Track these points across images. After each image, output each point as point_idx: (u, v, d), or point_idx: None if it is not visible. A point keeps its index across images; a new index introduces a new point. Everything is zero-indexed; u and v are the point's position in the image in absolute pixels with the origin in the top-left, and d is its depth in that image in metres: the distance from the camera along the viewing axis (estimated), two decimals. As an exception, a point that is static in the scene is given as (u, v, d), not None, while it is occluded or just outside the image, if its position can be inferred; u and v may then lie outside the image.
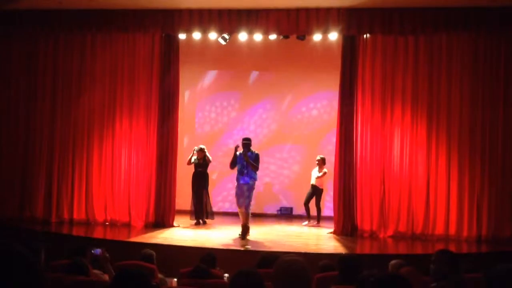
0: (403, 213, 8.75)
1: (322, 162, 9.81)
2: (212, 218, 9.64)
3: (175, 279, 5.22)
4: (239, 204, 8.34)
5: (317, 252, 7.47)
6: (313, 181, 9.84)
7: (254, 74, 11.47)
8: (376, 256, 7.52)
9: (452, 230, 8.59)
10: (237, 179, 8.38)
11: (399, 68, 8.86)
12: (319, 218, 9.80)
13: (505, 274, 2.15)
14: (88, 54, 9.47)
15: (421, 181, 8.73)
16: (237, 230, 8.92)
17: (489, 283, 2.16)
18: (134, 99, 9.39)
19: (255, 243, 8.02)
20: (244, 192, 8.27)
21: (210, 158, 9.53)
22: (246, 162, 8.22)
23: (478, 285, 2.87)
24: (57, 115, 9.50)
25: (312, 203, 9.89)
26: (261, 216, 10.33)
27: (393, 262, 4.68)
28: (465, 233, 8.55)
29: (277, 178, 11.21)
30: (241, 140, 8.49)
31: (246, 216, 8.32)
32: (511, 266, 2.17)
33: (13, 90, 9.54)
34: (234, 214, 10.95)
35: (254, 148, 8.60)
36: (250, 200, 8.33)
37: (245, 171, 8.28)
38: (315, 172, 9.85)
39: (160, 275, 5.11)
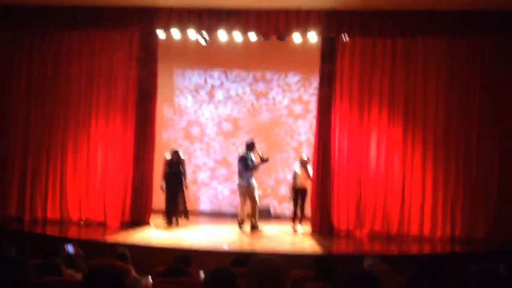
0: (378, 212, 8.86)
1: (308, 163, 9.52)
2: (187, 218, 9.55)
3: (150, 279, 5.18)
4: None
5: (293, 253, 7.49)
6: (301, 183, 9.45)
7: (234, 74, 11.44)
8: (352, 255, 7.58)
9: (427, 230, 8.72)
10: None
11: (377, 70, 8.95)
12: (301, 220, 9.56)
13: (480, 275, 2.18)
14: (65, 52, 9.31)
15: (396, 181, 8.85)
16: (213, 229, 8.98)
17: (464, 284, 2.19)
18: (111, 98, 9.28)
19: (231, 243, 8.01)
20: None
21: (184, 158, 9.45)
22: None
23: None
24: (31, 112, 9.32)
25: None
26: (237, 216, 10.29)
27: (368, 261, 4.72)
28: (439, 233, 8.69)
29: (256, 179, 11.18)
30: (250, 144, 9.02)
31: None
32: (486, 267, 2.20)
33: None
34: (211, 215, 10.98)
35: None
36: (252, 199, 8.99)
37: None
38: (300, 171, 9.45)
39: (134, 275, 5.05)
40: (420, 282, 3.18)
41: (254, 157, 9.05)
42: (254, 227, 9.02)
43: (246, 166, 8.87)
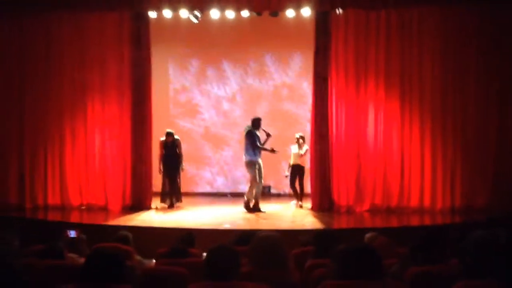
0: (378, 186, 8.89)
1: (303, 140, 9.60)
2: (180, 201, 9.46)
3: (154, 260, 5.20)
4: None
5: (294, 229, 7.53)
6: (295, 160, 9.60)
7: (228, 53, 11.34)
8: (353, 230, 7.61)
9: (427, 202, 8.78)
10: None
11: (372, 43, 8.88)
12: (301, 197, 9.64)
13: (480, 240, 2.18)
14: (55, 35, 9.20)
15: (395, 154, 8.87)
16: (212, 210, 9.00)
17: (466, 250, 2.19)
18: (106, 80, 9.19)
19: (233, 222, 8.04)
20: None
21: (178, 138, 9.39)
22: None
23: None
24: (26, 99, 9.24)
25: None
26: (238, 196, 10.32)
27: (368, 235, 4.74)
28: (439, 205, 8.74)
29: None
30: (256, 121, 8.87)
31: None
32: (485, 234, 2.21)
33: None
34: (210, 195, 11.02)
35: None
36: (252, 176, 8.77)
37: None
38: (295, 150, 9.60)
39: (137, 257, 5.08)
40: (421, 252, 3.20)
41: (259, 134, 8.92)
42: (248, 207, 8.80)
43: (252, 142, 8.70)
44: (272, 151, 8.88)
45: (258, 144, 8.75)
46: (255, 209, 8.80)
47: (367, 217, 8.70)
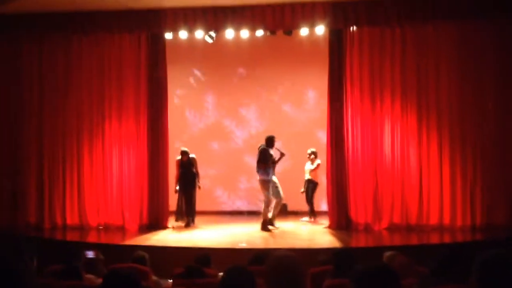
0: (396, 204, 8.76)
1: (314, 156, 9.72)
2: (193, 222, 9.38)
3: (170, 281, 5.18)
4: None
5: (312, 248, 7.45)
6: (307, 175, 9.75)
7: (242, 71, 11.43)
8: (371, 249, 7.51)
9: (447, 220, 8.62)
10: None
11: (387, 60, 8.86)
12: (313, 213, 9.69)
13: (494, 259, 2.12)
14: (74, 57, 9.38)
15: (413, 171, 8.75)
16: (228, 229, 9.01)
17: (481, 269, 2.13)
18: (123, 100, 9.31)
19: (249, 240, 7.99)
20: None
21: (194, 157, 9.43)
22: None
23: None
24: (45, 119, 9.40)
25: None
26: (255, 213, 10.28)
27: (387, 253, 4.66)
28: (459, 222, 8.57)
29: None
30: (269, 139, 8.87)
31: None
32: (499, 251, 2.15)
33: (-2, 96, 9.43)
34: (227, 213, 11.00)
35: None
36: (265, 195, 8.79)
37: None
38: (308, 166, 9.76)
39: (154, 277, 5.07)
40: (442, 272, 3.13)
41: (273, 152, 8.93)
42: (264, 225, 8.76)
43: (264, 160, 8.70)
44: (282, 154, 8.99)
45: (268, 160, 8.73)
46: (269, 224, 8.80)
47: (385, 235, 8.58)
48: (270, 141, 8.91)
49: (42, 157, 9.39)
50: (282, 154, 9.02)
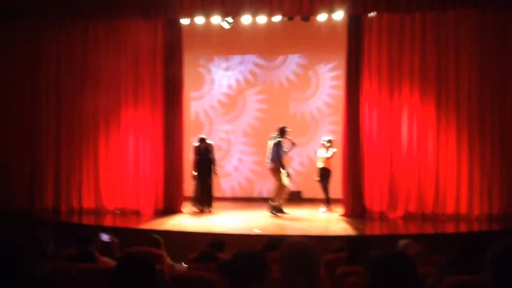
0: (412, 192, 8.69)
1: (330, 144, 9.58)
2: (211, 207, 9.42)
3: (185, 265, 5.22)
4: None
5: (326, 235, 7.43)
6: (321, 164, 9.60)
7: (259, 58, 11.37)
8: (386, 237, 7.46)
9: (463, 209, 8.53)
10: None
11: (406, 47, 8.72)
12: (329, 201, 9.59)
13: (510, 248, 2.08)
14: (91, 43, 9.42)
15: (430, 160, 8.65)
16: (243, 215, 9.04)
17: (496, 259, 2.09)
18: (139, 86, 9.34)
19: (263, 227, 8.01)
20: None
21: (211, 143, 9.48)
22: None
23: None
24: (62, 104, 9.49)
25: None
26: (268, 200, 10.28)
27: (402, 241, 4.63)
28: (476, 212, 8.48)
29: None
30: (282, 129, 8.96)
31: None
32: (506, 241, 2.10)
33: (17, 83, 9.52)
34: (238, 200, 11.02)
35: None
36: (278, 182, 8.94)
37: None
38: (322, 153, 9.58)
39: (169, 261, 5.10)
40: (459, 262, 3.09)
41: (284, 142, 8.99)
42: (275, 210, 8.91)
43: (279, 151, 8.82)
44: (294, 144, 9.10)
45: (281, 150, 8.89)
46: (279, 211, 8.92)
47: (400, 223, 8.51)
48: (283, 131, 8.96)
49: (60, 142, 9.49)
50: (293, 144, 9.11)
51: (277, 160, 8.84)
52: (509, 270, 2.00)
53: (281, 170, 8.89)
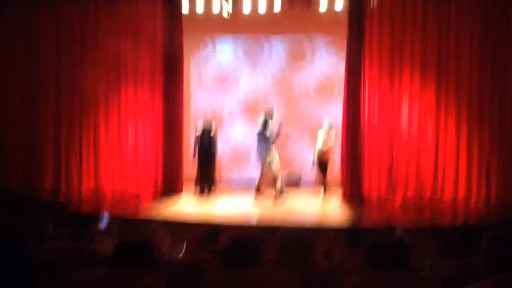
0: (411, 178, 8.73)
1: (330, 127, 9.34)
2: (213, 190, 9.41)
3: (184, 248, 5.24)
4: None
5: (323, 224, 7.41)
6: (321, 152, 9.36)
7: (259, 40, 11.30)
8: (384, 221, 7.50)
9: (461, 195, 8.58)
10: None
11: (407, 34, 8.69)
12: (328, 186, 9.42)
13: (504, 235, 2.10)
14: (91, 22, 9.36)
15: (429, 145, 8.68)
16: (243, 201, 8.95)
17: (490, 245, 2.11)
18: (138, 66, 9.27)
19: (260, 217, 7.94)
20: None
21: (215, 127, 9.46)
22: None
23: None
24: (61, 84, 9.46)
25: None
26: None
27: (399, 226, 4.67)
28: (473, 198, 8.54)
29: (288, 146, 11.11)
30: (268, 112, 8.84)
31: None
32: (508, 227, 2.12)
33: (16, 61, 9.47)
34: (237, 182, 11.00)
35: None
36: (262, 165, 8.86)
37: None
38: (322, 137, 9.34)
39: (167, 243, 5.12)
40: (455, 246, 3.12)
41: (273, 126, 8.82)
42: (279, 192, 8.83)
43: (263, 132, 8.72)
44: (282, 128, 8.92)
45: (268, 133, 8.72)
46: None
47: (398, 208, 8.55)
48: (270, 114, 8.89)
49: (60, 123, 9.49)
50: (280, 127, 8.92)
51: (260, 143, 8.76)
52: (504, 255, 2.03)
53: (264, 153, 8.76)
